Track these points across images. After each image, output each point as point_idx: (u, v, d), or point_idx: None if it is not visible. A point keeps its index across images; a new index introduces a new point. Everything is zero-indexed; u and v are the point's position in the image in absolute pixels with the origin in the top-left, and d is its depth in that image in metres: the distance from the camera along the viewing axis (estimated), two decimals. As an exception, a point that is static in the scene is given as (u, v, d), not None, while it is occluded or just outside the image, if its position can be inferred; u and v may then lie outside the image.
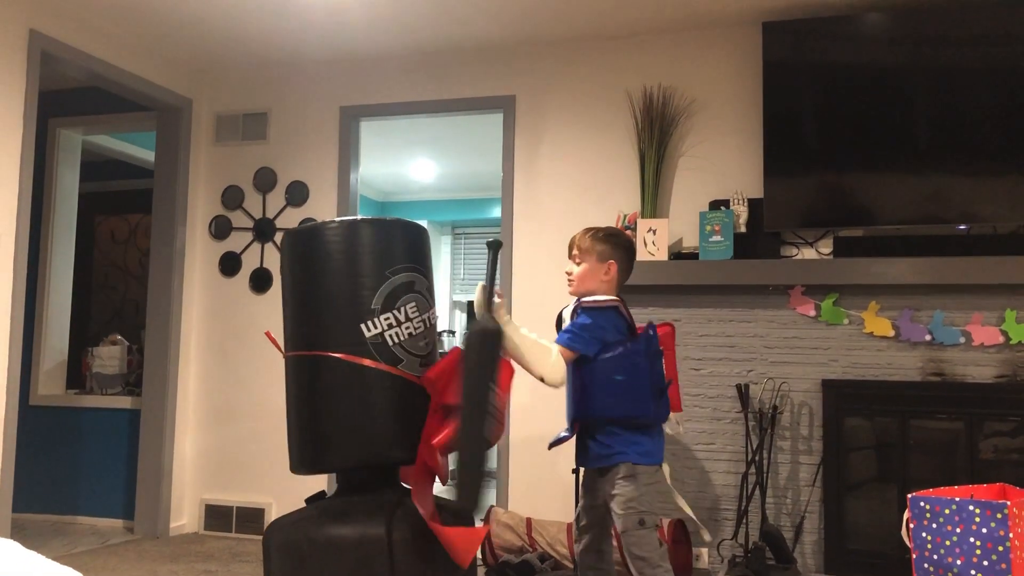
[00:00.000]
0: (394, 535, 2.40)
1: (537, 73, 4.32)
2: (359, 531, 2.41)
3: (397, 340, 2.57)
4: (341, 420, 2.55)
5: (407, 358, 2.57)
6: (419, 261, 2.71)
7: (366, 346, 2.54)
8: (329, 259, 2.60)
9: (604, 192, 4.15)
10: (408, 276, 2.65)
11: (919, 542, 1.91)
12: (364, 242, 2.62)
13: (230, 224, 4.76)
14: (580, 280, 2.66)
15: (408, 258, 2.67)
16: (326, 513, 2.52)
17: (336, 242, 2.61)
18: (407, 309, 2.61)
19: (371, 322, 2.55)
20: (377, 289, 2.57)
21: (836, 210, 3.75)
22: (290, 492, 4.38)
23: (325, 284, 2.60)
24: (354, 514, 2.47)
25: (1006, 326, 3.49)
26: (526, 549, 3.75)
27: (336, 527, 2.44)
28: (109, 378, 5.05)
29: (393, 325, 2.57)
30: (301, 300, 2.66)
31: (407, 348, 2.58)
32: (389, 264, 2.61)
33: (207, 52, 4.54)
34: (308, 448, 2.63)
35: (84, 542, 4.38)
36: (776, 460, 3.69)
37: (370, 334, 2.54)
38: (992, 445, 3.49)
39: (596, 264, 2.64)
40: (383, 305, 2.57)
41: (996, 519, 1.80)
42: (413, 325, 2.61)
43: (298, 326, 2.66)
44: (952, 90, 3.62)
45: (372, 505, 2.49)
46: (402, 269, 2.63)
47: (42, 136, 4.91)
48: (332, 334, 2.57)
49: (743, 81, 3.99)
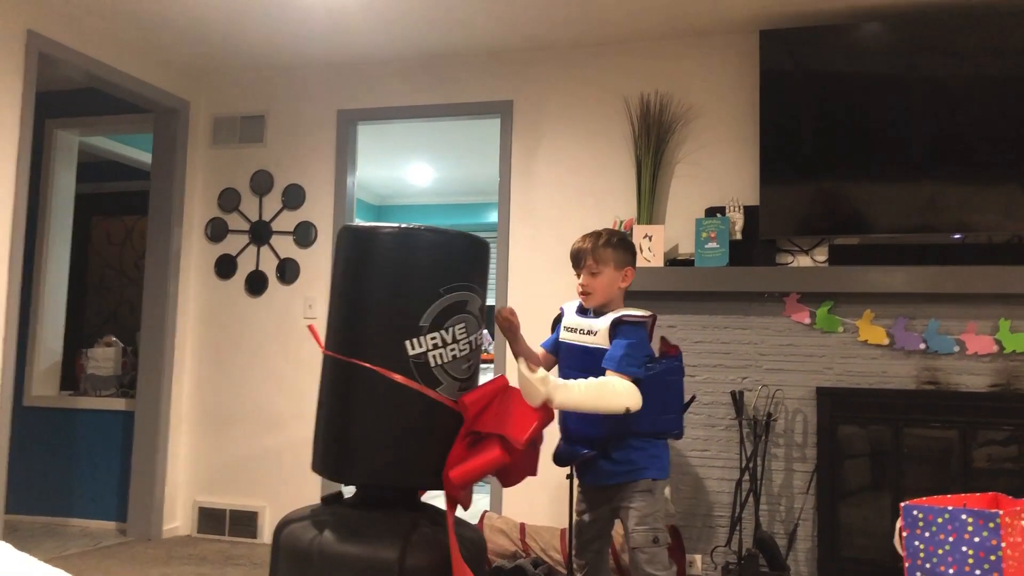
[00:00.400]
0: (406, 562, 2.31)
1: (534, 78, 4.33)
2: (371, 552, 2.35)
3: (440, 362, 2.44)
4: (370, 434, 2.44)
5: (447, 381, 2.46)
6: (475, 280, 2.57)
7: (407, 364, 2.41)
8: (382, 267, 2.46)
9: (600, 198, 4.16)
10: (462, 295, 2.50)
11: (912, 550, 1.91)
12: (421, 254, 2.47)
13: (226, 227, 4.76)
14: (602, 291, 2.59)
15: (464, 276, 2.52)
16: (341, 525, 2.43)
17: (391, 250, 2.46)
18: (455, 330, 2.47)
19: (417, 340, 2.42)
20: (428, 306, 2.43)
21: (832, 218, 3.76)
22: (284, 495, 4.38)
23: (374, 293, 2.46)
24: (368, 533, 2.40)
25: (1000, 335, 3.50)
26: (519, 554, 3.75)
27: (349, 544, 2.38)
28: (103, 380, 5.04)
29: (439, 346, 2.44)
30: (347, 304, 2.52)
31: (449, 371, 2.46)
32: (445, 281, 2.47)
33: (205, 54, 4.54)
34: (332, 455, 2.51)
35: (76, 544, 4.36)
36: (770, 467, 3.69)
37: (413, 352, 2.42)
38: (986, 454, 3.50)
39: (615, 272, 2.60)
40: (432, 324, 2.43)
41: (988, 528, 1.80)
42: (459, 347, 2.48)
43: (341, 329, 2.53)
44: (948, 100, 3.63)
45: (388, 526, 2.40)
46: (457, 287, 2.49)
47: (39, 137, 4.92)
48: (374, 345, 2.44)
49: (740, 89, 4.00)
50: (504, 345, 4.23)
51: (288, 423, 4.52)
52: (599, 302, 2.61)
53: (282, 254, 4.64)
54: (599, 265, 2.58)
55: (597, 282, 2.59)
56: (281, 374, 4.51)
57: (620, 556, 3.55)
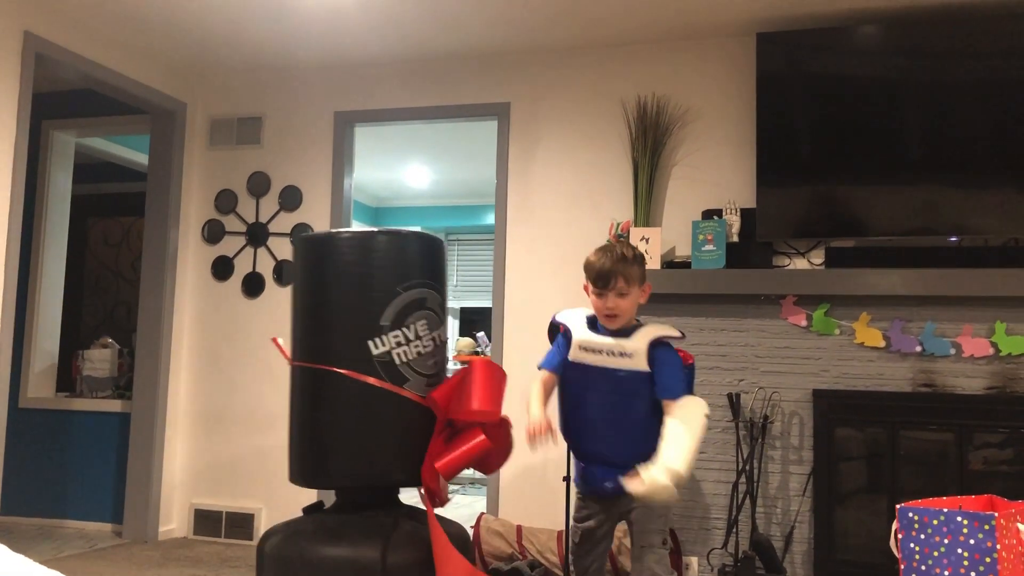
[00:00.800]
0: (388, 559, 2.35)
1: (532, 80, 4.34)
2: (353, 553, 2.37)
3: (405, 359, 2.49)
4: (342, 438, 2.49)
5: (414, 377, 2.51)
6: (434, 276, 2.62)
7: (372, 364, 2.46)
8: (340, 271, 2.52)
9: (597, 200, 4.16)
10: (421, 292, 2.56)
11: (907, 552, 1.91)
12: (377, 255, 2.53)
13: (223, 228, 4.76)
14: (629, 312, 2.48)
15: (422, 273, 2.58)
16: (321, 530, 2.46)
17: (348, 254, 2.53)
18: (417, 327, 2.53)
19: (379, 339, 2.47)
20: (387, 305, 2.49)
21: (828, 221, 3.77)
22: (280, 498, 4.37)
23: (334, 297, 2.52)
24: (349, 534, 2.42)
25: (996, 338, 3.50)
26: (516, 556, 3.74)
27: (330, 547, 2.39)
28: (99, 381, 5.03)
29: (402, 343, 2.50)
30: (310, 310, 2.58)
31: (414, 367, 2.51)
32: (402, 279, 2.53)
33: (202, 56, 4.54)
34: (308, 463, 2.57)
35: (72, 546, 4.35)
36: (766, 470, 3.70)
37: (377, 352, 2.47)
38: (982, 456, 3.50)
39: (639, 291, 2.51)
40: (393, 322, 2.49)
41: (984, 530, 1.81)
42: (422, 343, 2.54)
43: (305, 336, 2.59)
44: (945, 103, 3.64)
45: (368, 526, 2.44)
46: (415, 285, 2.55)
47: (35, 138, 4.91)
48: (338, 349, 2.49)
49: (737, 91, 4.00)
50: (502, 346, 4.24)
51: (284, 425, 4.50)
52: (624, 323, 2.49)
53: (279, 256, 4.64)
54: (629, 285, 2.45)
55: (625, 303, 2.46)
56: (278, 376, 4.50)
57: (617, 559, 3.55)
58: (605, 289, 2.44)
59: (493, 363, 2.58)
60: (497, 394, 2.51)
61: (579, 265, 4.18)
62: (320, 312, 2.56)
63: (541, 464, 4.02)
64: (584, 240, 4.10)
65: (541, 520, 4.00)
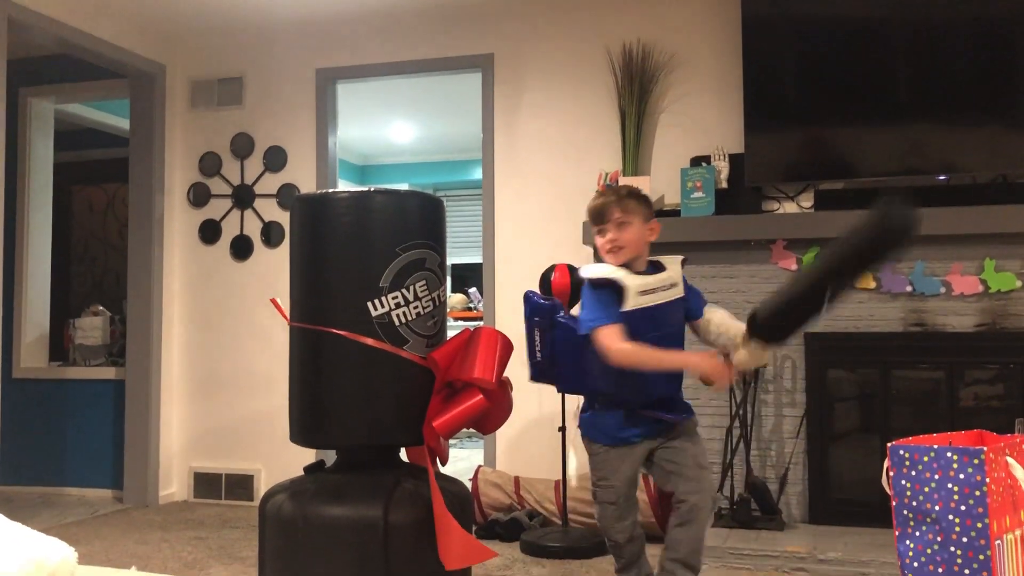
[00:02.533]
0: (390, 518, 2.36)
1: (515, 30, 4.28)
2: (355, 512, 2.39)
3: (404, 320, 2.48)
4: (343, 398, 2.50)
5: (413, 339, 2.50)
6: (432, 237, 2.60)
7: (372, 325, 2.45)
8: (338, 232, 2.51)
9: (585, 151, 4.13)
10: (419, 253, 2.54)
11: (898, 489, 1.93)
12: (375, 216, 2.52)
13: (209, 191, 4.72)
14: (633, 245, 2.42)
15: (421, 233, 2.56)
16: (323, 489, 2.47)
17: (346, 214, 2.51)
18: (416, 288, 2.52)
19: (378, 301, 2.46)
20: (387, 266, 2.48)
21: (817, 164, 3.75)
22: (279, 458, 4.40)
23: (333, 258, 2.51)
24: (351, 494, 2.43)
25: (985, 275, 3.51)
26: (514, 507, 3.79)
27: (332, 506, 2.41)
28: (92, 349, 5.03)
29: (401, 304, 2.49)
30: (308, 272, 2.57)
31: (414, 328, 2.51)
32: (401, 240, 2.51)
33: (179, 16, 4.46)
34: (308, 422, 2.58)
35: (74, 513, 4.39)
36: (760, 413, 3.73)
37: (376, 313, 2.46)
38: (972, 393, 3.54)
39: (643, 225, 2.45)
40: (392, 283, 2.48)
41: (973, 464, 1.82)
42: (422, 304, 2.53)
43: (304, 297, 2.58)
44: (932, 42, 3.60)
45: (370, 485, 2.45)
46: (414, 245, 2.53)
47: (13, 106, 4.83)
48: (337, 310, 2.49)
49: (723, 35, 3.95)
50: (494, 301, 4.24)
51: (280, 385, 4.48)
52: (630, 257, 2.42)
53: (266, 217, 4.61)
54: (628, 215, 2.41)
55: (627, 235, 2.40)
56: (271, 337, 4.50)
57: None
58: (603, 224, 2.42)
59: (502, 334, 2.57)
60: (500, 365, 2.50)
61: (568, 218, 4.18)
62: (318, 273, 2.56)
63: (536, 416, 4.04)
64: (573, 192, 4.08)
65: (538, 471, 4.03)
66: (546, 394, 3.97)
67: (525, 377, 2.64)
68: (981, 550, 1.83)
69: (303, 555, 2.42)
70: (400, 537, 2.38)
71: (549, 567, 3.29)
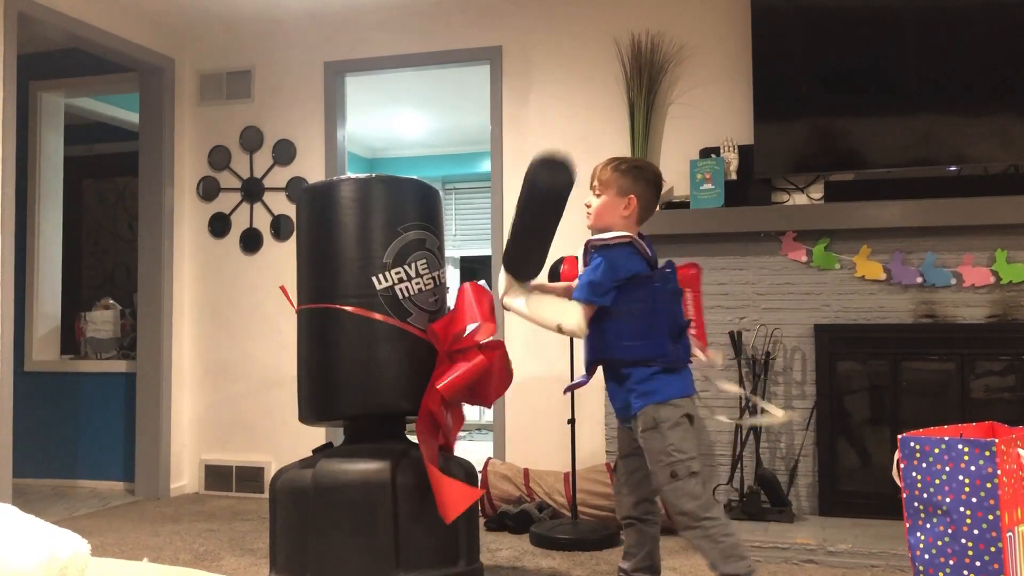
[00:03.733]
0: (398, 479, 2.46)
1: (523, 22, 4.27)
2: (363, 471, 2.46)
3: (407, 294, 2.62)
4: (350, 370, 2.62)
5: (416, 312, 2.64)
6: (430, 220, 2.76)
7: (377, 298, 2.60)
8: (343, 214, 2.66)
9: (594, 142, 4.12)
10: (419, 234, 2.70)
11: (909, 481, 1.93)
12: (376, 199, 2.68)
13: (218, 185, 4.73)
14: (598, 214, 2.48)
15: (419, 216, 2.72)
16: (331, 458, 2.57)
17: (350, 198, 2.67)
18: (417, 265, 2.67)
19: (382, 275, 2.61)
20: (389, 244, 2.63)
21: (827, 155, 3.74)
22: (289, 450, 4.42)
23: (338, 238, 2.66)
24: (359, 458, 2.53)
25: (997, 266, 3.50)
26: (524, 499, 3.80)
27: (342, 471, 2.50)
28: (103, 342, 5.05)
29: (404, 279, 2.63)
30: (315, 254, 2.71)
31: (417, 303, 2.64)
32: (401, 221, 2.67)
33: (188, 10, 4.46)
34: (317, 397, 2.70)
35: (86, 505, 4.42)
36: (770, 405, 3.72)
37: (381, 287, 2.60)
38: (983, 385, 3.53)
39: (616, 198, 2.46)
40: (394, 260, 2.63)
41: (985, 456, 1.82)
42: (423, 281, 2.67)
43: (311, 279, 2.72)
44: (942, 31, 3.58)
45: (378, 452, 2.55)
46: (413, 227, 2.69)
47: (23, 100, 4.85)
48: (344, 286, 2.63)
49: (732, 25, 3.94)
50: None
51: (289, 378, 4.53)
52: (595, 224, 2.49)
53: (275, 210, 4.62)
54: (602, 187, 2.48)
55: (596, 203, 2.48)
56: (280, 329, 4.52)
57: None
58: (589, 189, 2.53)
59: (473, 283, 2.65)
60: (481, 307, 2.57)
61: (577, 209, 4.16)
62: (325, 253, 2.68)
63: (545, 409, 4.05)
64: (581, 183, 4.07)
65: (548, 463, 4.04)
66: (554, 386, 3.98)
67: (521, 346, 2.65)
68: (992, 542, 1.82)
69: (314, 522, 2.48)
70: (408, 497, 2.48)
71: (559, 559, 3.29)
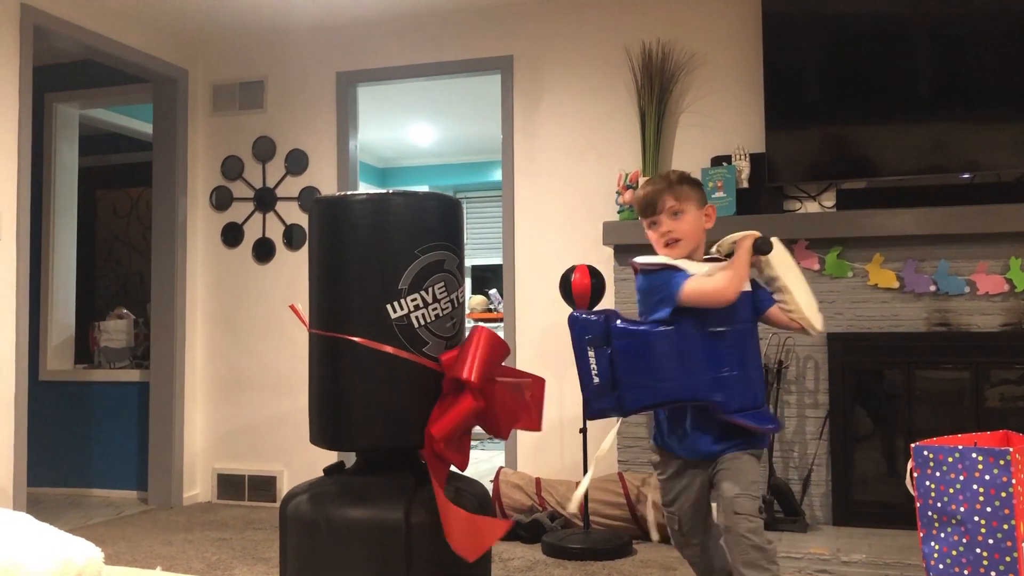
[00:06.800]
0: (412, 519, 2.37)
1: (534, 32, 4.28)
2: (377, 514, 2.40)
3: (423, 322, 2.48)
4: (363, 401, 2.50)
5: (432, 340, 2.50)
6: (451, 238, 2.59)
7: (391, 328, 2.45)
8: (356, 235, 2.51)
9: (605, 151, 4.12)
10: (438, 254, 2.55)
11: (923, 490, 1.92)
12: (393, 218, 2.51)
13: (231, 195, 4.75)
14: (692, 235, 2.20)
15: (439, 236, 2.55)
16: (344, 491, 2.47)
17: (364, 216, 2.51)
18: (435, 290, 2.51)
19: (398, 303, 2.46)
20: (405, 269, 2.48)
21: (839, 163, 3.73)
22: (301, 459, 4.43)
23: (351, 261, 2.51)
24: (373, 496, 2.45)
25: (1011, 274, 3.48)
26: (536, 509, 3.79)
27: (354, 508, 2.42)
28: (117, 352, 5.08)
29: (420, 307, 2.48)
30: (327, 275, 2.57)
31: (433, 330, 2.50)
32: (419, 243, 2.50)
33: (200, 21, 4.50)
34: (328, 425, 2.58)
35: (99, 514, 4.43)
36: (782, 414, 3.71)
37: (396, 316, 2.46)
38: (998, 393, 3.50)
39: (698, 212, 2.22)
40: (411, 286, 2.48)
41: (999, 466, 1.81)
42: (440, 306, 2.52)
43: (323, 301, 2.58)
44: (954, 38, 3.57)
45: (391, 488, 2.45)
46: (433, 247, 2.53)
47: (39, 111, 4.90)
48: (356, 314, 2.49)
49: (743, 34, 3.94)
50: (514, 302, 4.24)
51: (302, 387, 4.52)
52: (689, 249, 2.20)
53: (288, 220, 4.64)
54: (682, 202, 2.19)
55: (682, 224, 2.19)
56: (293, 339, 4.53)
57: (636, 507, 3.58)
58: (655, 215, 2.22)
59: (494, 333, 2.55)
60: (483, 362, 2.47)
61: (588, 218, 4.19)
62: (338, 277, 2.55)
63: (557, 418, 4.04)
64: (593, 192, 4.09)
65: (560, 472, 4.03)
66: (567, 396, 3.98)
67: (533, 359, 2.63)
68: (1008, 552, 1.81)
69: (325, 556, 2.43)
70: (422, 538, 2.38)
71: (571, 569, 3.28)
